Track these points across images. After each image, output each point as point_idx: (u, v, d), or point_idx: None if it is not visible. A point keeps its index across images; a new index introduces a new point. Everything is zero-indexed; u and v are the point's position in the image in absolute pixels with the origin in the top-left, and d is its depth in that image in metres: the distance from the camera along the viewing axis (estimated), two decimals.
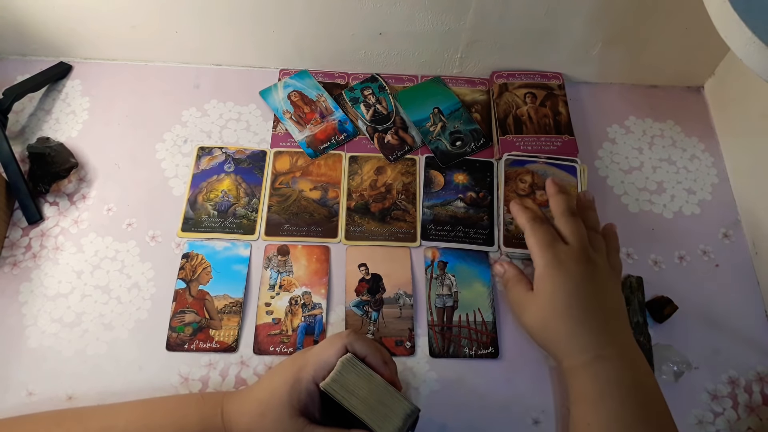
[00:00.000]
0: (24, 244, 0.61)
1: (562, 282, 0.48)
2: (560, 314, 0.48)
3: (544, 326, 0.49)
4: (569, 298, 0.48)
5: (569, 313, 0.48)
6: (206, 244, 0.62)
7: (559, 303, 0.48)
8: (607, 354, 0.46)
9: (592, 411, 0.45)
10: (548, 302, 0.49)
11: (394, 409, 0.44)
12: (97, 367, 0.55)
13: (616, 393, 0.45)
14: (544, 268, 0.50)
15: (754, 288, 0.62)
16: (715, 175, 0.68)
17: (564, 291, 0.48)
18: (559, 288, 0.48)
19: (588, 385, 0.46)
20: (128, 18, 0.67)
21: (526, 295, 0.51)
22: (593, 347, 0.46)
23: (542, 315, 0.49)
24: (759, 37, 0.39)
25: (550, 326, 0.49)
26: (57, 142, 0.66)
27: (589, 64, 0.72)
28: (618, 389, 0.45)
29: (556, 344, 0.49)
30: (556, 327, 0.48)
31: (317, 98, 0.71)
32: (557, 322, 0.48)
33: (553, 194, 0.55)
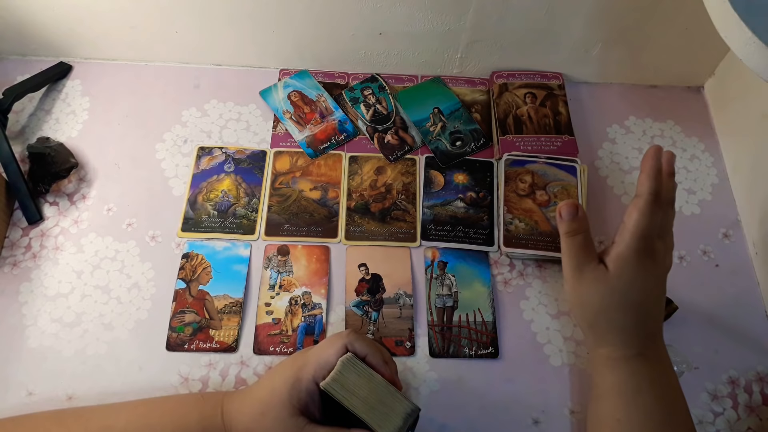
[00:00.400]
0: (24, 244, 0.61)
1: (645, 277, 0.46)
2: (629, 306, 0.46)
3: (603, 309, 0.46)
4: (644, 295, 0.46)
5: (638, 309, 0.46)
6: (206, 244, 0.62)
7: (634, 296, 0.45)
8: (649, 354, 0.46)
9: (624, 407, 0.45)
10: (622, 289, 0.45)
11: (395, 408, 0.44)
12: (97, 367, 0.55)
13: (651, 391, 0.45)
14: (633, 253, 0.45)
15: (754, 288, 0.62)
16: (715, 175, 0.68)
17: (643, 286, 0.46)
18: (640, 281, 0.45)
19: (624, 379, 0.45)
20: (128, 18, 0.67)
21: (596, 267, 0.46)
22: (640, 344, 0.46)
23: (608, 298, 0.46)
24: (759, 37, 0.39)
25: (611, 313, 0.46)
26: (57, 142, 0.66)
27: (589, 64, 0.72)
28: (653, 388, 0.45)
29: (604, 330, 0.47)
30: (616, 315, 0.46)
31: (317, 98, 0.71)
32: (620, 311, 0.46)
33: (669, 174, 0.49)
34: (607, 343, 0.47)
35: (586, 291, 0.47)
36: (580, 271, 0.47)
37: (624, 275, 0.45)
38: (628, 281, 0.45)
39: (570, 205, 0.48)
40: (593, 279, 0.46)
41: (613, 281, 0.46)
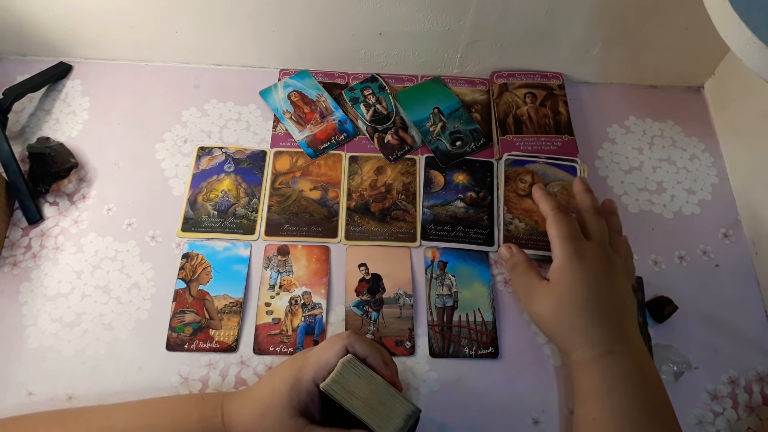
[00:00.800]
0: (24, 244, 0.61)
1: (583, 276, 0.48)
2: (577, 307, 0.48)
3: (557, 318, 0.49)
4: (588, 293, 0.47)
5: (586, 307, 0.47)
6: (206, 244, 0.62)
7: (578, 296, 0.48)
8: (617, 349, 0.46)
9: (599, 405, 0.45)
10: (566, 294, 0.48)
11: (395, 409, 0.44)
12: (97, 367, 0.55)
13: (623, 388, 0.45)
14: (564, 259, 0.49)
15: (754, 288, 0.62)
16: (715, 175, 0.68)
17: (584, 285, 0.48)
18: (579, 281, 0.48)
19: (596, 379, 0.46)
20: (128, 18, 0.67)
21: (539, 284, 0.50)
22: (605, 342, 0.46)
23: (557, 306, 0.48)
24: (759, 37, 0.39)
25: (565, 319, 0.48)
26: (57, 142, 0.66)
27: (589, 64, 0.72)
28: (625, 384, 0.45)
29: (567, 337, 0.48)
30: (570, 320, 0.48)
31: (317, 98, 0.71)
32: (573, 315, 0.48)
33: (582, 191, 0.55)
34: (574, 347, 0.48)
35: (538, 307, 0.50)
36: (530, 292, 0.51)
37: (563, 281, 0.49)
38: (568, 285, 0.48)
39: (505, 248, 0.56)
40: (540, 295, 0.50)
41: (555, 290, 0.49)
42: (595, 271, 0.48)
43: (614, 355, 0.46)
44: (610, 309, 0.48)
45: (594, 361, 0.46)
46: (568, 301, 0.48)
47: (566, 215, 0.51)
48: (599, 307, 0.47)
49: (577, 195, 0.55)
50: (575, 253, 0.49)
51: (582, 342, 0.47)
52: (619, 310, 0.48)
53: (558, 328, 0.49)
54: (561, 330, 0.49)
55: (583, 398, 0.47)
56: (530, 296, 0.51)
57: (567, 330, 0.48)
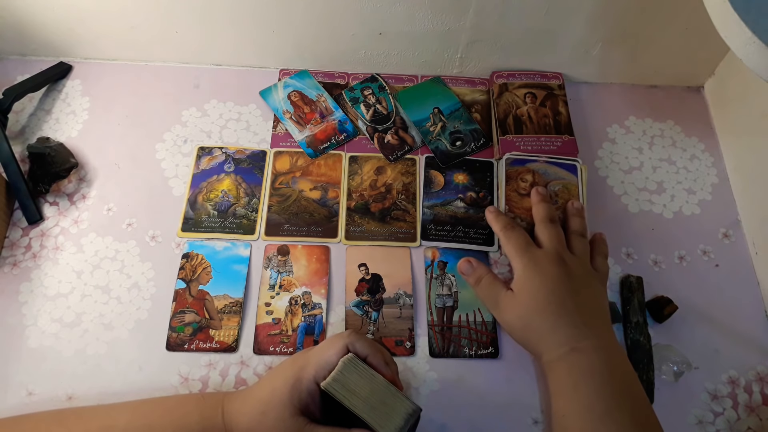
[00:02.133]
0: (24, 244, 0.61)
1: (541, 282, 0.51)
2: (540, 311, 0.50)
3: (525, 325, 0.51)
4: (548, 296, 0.50)
5: (549, 310, 0.49)
6: (206, 244, 0.62)
7: (539, 301, 0.50)
8: (582, 346, 0.47)
9: (567, 402, 0.47)
10: (529, 301, 0.51)
11: (396, 408, 0.44)
12: (97, 367, 0.55)
13: (590, 383, 0.46)
14: (522, 270, 0.52)
15: (754, 288, 0.62)
16: (715, 175, 0.68)
17: (543, 289, 0.50)
18: (538, 287, 0.51)
19: (563, 377, 0.47)
20: (128, 18, 0.67)
21: (505, 294, 0.53)
22: (569, 341, 0.48)
23: (523, 313, 0.51)
24: (759, 37, 0.39)
25: (531, 324, 0.50)
26: (57, 142, 0.66)
27: (589, 64, 0.72)
28: (591, 379, 0.46)
29: (536, 341, 0.50)
30: (536, 324, 0.50)
31: (317, 98, 0.71)
32: (538, 319, 0.50)
33: (536, 203, 0.58)
34: (543, 349, 0.50)
35: (507, 317, 0.52)
36: (496, 304, 0.53)
37: (524, 289, 0.51)
38: (529, 292, 0.51)
39: (463, 263, 0.57)
40: (507, 304, 0.52)
41: (519, 298, 0.51)
42: (551, 275, 0.51)
43: (579, 352, 0.47)
44: (571, 309, 0.50)
45: (560, 360, 0.48)
46: (532, 308, 0.50)
47: (514, 229, 0.55)
48: (560, 308, 0.49)
49: (533, 206, 0.59)
50: (530, 262, 0.52)
51: (549, 343, 0.49)
52: (582, 308, 0.50)
53: (527, 334, 0.51)
54: (529, 336, 0.51)
55: (554, 396, 0.48)
56: (498, 307, 0.53)
57: (535, 335, 0.50)
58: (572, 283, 0.51)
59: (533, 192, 0.60)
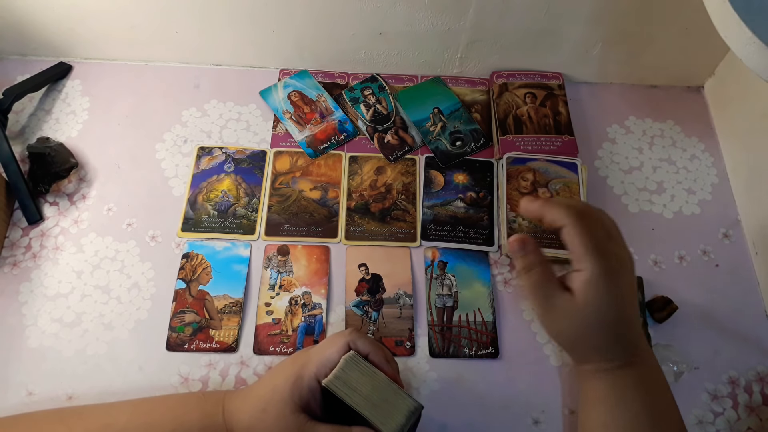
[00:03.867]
0: (24, 244, 0.61)
1: (615, 296, 0.43)
2: (603, 328, 0.44)
3: (580, 338, 0.45)
4: (617, 313, 0.43)
5: (612, 327, 0.44)
6: (206, 244, 0.62)
7: (608, 317, 0.43)
8: (632, 361, 0.45)
9: (610, 412, 0.44)
10: (594, 315, 0.43)
11: (398, 405, 0.44)
12: (97, 367, 0.55)
13: (635, 398, 0.44)
14: (599, 276, 0.42)
15: (754, 288, 0.62)
16: (715, 175, 0.68)
17: (614, 306, 0.43)
18: (610, 302, 0.43)
19: (608, 388, 0.45)
20: (128, 18, 0.67)
21: (561, 297, 0.44)
22: (622, 357, 0.44)
23: (583, 327, 0.44)
24: (759, 37, 0.39)
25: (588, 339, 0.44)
26: (57, 142, 0.66)
27: (589, 64, 0.72)
28: (637, 395, 0.44)
29: (587, 352, 0.46)
30: (592, 339, 0.44)
31: (317, 98, 0.71)
32: (596, 334, 0.44)
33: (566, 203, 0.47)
34: (589, 360, 0.46)
35: (559, 323, 0.45)
36: (548, 304, 0.44)
37: (593, 300, 0.43)
38: (597, 305, 0.43)
39: (518, 241, 0.45)
40: (563, 311, 0.44)
41: (583, 309, 0.43)
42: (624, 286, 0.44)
43: (629, 367, 0.45)
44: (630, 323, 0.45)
45: (607, 373, 0.45)
46: (596, 323, 0.43)
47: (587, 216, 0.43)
48: (623, 324, 0.44)
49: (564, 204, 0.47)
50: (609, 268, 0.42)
51: (600, 357, 0.45)
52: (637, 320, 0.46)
53: (577, 345, 0.46)
54: (579, 346, 0.46)
55: (592, 404, 0.46)
56: (549, 308, 0.45)
57: (586, 347, 0.45)
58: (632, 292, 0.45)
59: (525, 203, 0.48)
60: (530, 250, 0.45)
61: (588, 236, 0.42)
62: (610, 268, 0.42)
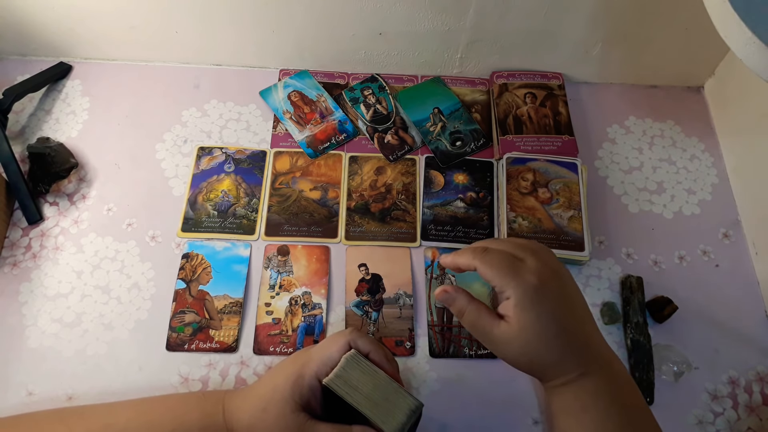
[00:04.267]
0: (24, 244, 0.61)
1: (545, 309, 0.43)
2: (548, 344, 0.44)
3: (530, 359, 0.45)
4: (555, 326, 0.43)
5: (557, 342, 0.44)
6: (206, 244, 0.62)
7: (547, 333, 0.43)
8: (590, 370, 0.44)
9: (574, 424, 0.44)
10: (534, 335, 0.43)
11: (399, 404, 0.44)
12: (97, 367, 0.55)
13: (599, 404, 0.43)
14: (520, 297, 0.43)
15: (754, 288, 0.62)
16: (715, 175, 0.68)
17: (547, 319, 0.43)
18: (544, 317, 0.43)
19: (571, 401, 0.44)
20: (128, 18, 0.67)
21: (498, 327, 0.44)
22: (578, 366, 0.44)
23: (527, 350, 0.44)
24: (759, 37, 0.39)
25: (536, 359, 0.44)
26: (57, 142, 0.66)
27: (589, 64, 0.72)
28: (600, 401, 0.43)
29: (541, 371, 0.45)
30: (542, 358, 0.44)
31: (317, 98, 0.71)
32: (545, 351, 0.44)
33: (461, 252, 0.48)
34: (548, 378, 0.45)
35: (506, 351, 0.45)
36: (490, 338, 0.45)
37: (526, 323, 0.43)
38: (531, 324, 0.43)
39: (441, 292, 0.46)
40: (505, 339, 0.44)
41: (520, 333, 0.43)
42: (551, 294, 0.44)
43: (586, 376, 0.44)
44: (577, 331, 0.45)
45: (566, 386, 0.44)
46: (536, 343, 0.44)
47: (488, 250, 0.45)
48: (568, 336, 0.44)
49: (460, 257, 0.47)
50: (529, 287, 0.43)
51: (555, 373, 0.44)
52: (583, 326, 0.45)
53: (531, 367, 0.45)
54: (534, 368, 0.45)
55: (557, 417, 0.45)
56: (493, 343, 0.45)
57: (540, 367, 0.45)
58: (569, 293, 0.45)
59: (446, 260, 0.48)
60: (455, 294, 0.46)
61: (497, 267, 0.44)
62: (531, 286, 0.43)
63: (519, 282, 0.43)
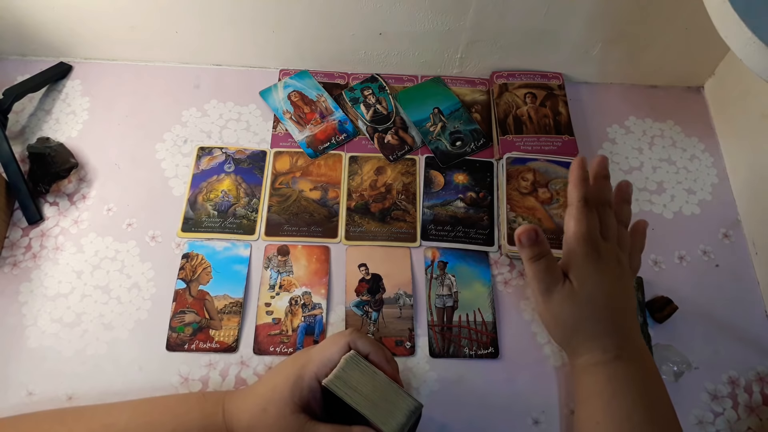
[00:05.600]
0: (24, 244, 0.61)
1: (600, 281, 0.46)
2: (597, 314, 0.46)
3: (574, 324, 0.47)
4: (607, 299, 0.46)
5: (604, 315, 0.46)
6: (206, 244, 0.62)
7: (599, 303, 0.46)
8: (625, 355, 0.46)
9: (603, 409, 0.45)
10: (587, 301, 0.46)
11: (398, 405, 0.44)
12: (97, 367, 0.55)
13: (628, 393, 0.44)
14: (585, 262, 0.46)
15: (754, 288, 0.62)
16: (715, 175, 0.68)
17: (602, 291, 0.46)
18: (598, 287, 0.46)
19: (602, 384, 0.45)
20: (128, 18, 0.67)
21: (563, 286, 0.47)
22: (615, 348, 0.46)
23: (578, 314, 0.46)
24: (759, 37, 0.39)
25: (582, 326, 0.47)
26: (57, 142, 0.66)
27: (589, 64, 0.72)
28: (630, 390, 0.45)
29: (580, 342, 0.47)
30: (588, 328, 0.46)
31: (317, 98, 0.71)
32: (592, 321, 0.46)
33: (601, 177, 0.51)
34: (584, 352, 0.47)
35: (558, 311, 0.47)
36: (549, 293, 0.47)
37: (586, 284, 0.46)
38: (590, 291, 0.46)
39: (528, 230, 0.47)
40: (562, 298, 0.46)
41: (579, 295, 0.46)
42: (612, 275, 0.47)
43: (621, 361, 0.45)
44: (622, 314, 0.47)
45: (602, 366, 0.46)
46: (589, 307, 0.46)
47: (591, 212, 0.48)
48: (615, 314, 0.46)
49: (596, 180, 0.51)
50: (594, 254, 0.46)
51: (593, 347, 0.46)
52: (628, 314, 0.47)
53: (572, 334, 0.47)
54: (575, 336, 0.47)
55: (586, 400, 0.46)
56: (550, 297, 0.47)
57: (581, 337, 0.47)
58: (624, 285, 0.48)
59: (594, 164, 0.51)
60: (539, 240, 0.47)
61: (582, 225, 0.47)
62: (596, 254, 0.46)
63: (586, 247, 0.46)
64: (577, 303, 0.46)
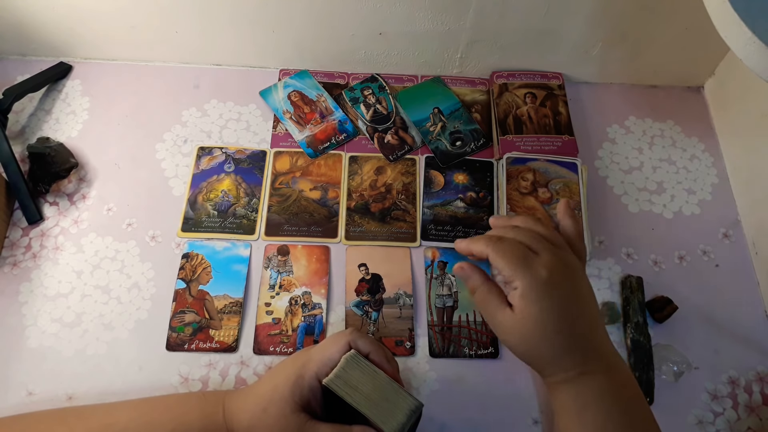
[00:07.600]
0: (24, 244, 0.61)
1: (550, 304, 0.43)
2: (547, 339, 0.44)
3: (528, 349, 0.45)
4: (558, 322, 0.43)
5: (557, 338, 0.44)
6: (206, 244, 0.62)
7: (548, 328, 0.43)
8: (590, 369, 0.44)
9: (576, 423, 0.44)
10: (534, 328, 0.44)
11: (399, 404, 0.44)
12: (97, 367, 0.55)
13: (597, 405, 0.43)
14: (527, 289, 0.43)
15: (754, 288, 0.62)
16: (715, 175, 0.69)
17: (552, 314, 0.43)
18: (547, 311, 0.43)
19: (570, 400, 0.44)
20: (128, 18, 0.67)
21: (504, 312, 0.45)
22: (576, 366, 0.44)
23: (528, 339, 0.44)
24: (759, 37, 0.39)
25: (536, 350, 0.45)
26: (57, 142, 0.66)
27: (589, 64, 0.72)
28: (600, 401, 0.43)
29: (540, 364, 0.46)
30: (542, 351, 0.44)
31: (317, 98, 0.71)
32: (544, 346, 0.44)
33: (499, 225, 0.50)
34: (547, 374, 0.45)
35: (507, 338, 0.45)
36: (494, 320, 0.46)
37: (529, 313, 0.43)
38: (535, 318, 0.43)
39: (457, 269, 0.47)
40: (506, 325, 0.45)
41: (522, 323, 0.44)
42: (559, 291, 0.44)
43: (587, 375, 0.44)
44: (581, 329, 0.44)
45: (567, 383, 0.44)
46: (538, 335, 0.44)
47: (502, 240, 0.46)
48: (570, 333, 0.44)
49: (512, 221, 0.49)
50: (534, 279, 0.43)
51: (554, 369, 0.45)
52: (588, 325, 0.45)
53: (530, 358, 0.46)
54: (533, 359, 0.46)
55: (559, 414, 0.45)
56: (496, 325, 0.46)
57: (540, 359, 0.45)
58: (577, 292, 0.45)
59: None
60: (469, 273, 0.47)
61: (508, 257, 0.44)
62: (540, 279, 0.43)
63: (528, 274, 0.43)
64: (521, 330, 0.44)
